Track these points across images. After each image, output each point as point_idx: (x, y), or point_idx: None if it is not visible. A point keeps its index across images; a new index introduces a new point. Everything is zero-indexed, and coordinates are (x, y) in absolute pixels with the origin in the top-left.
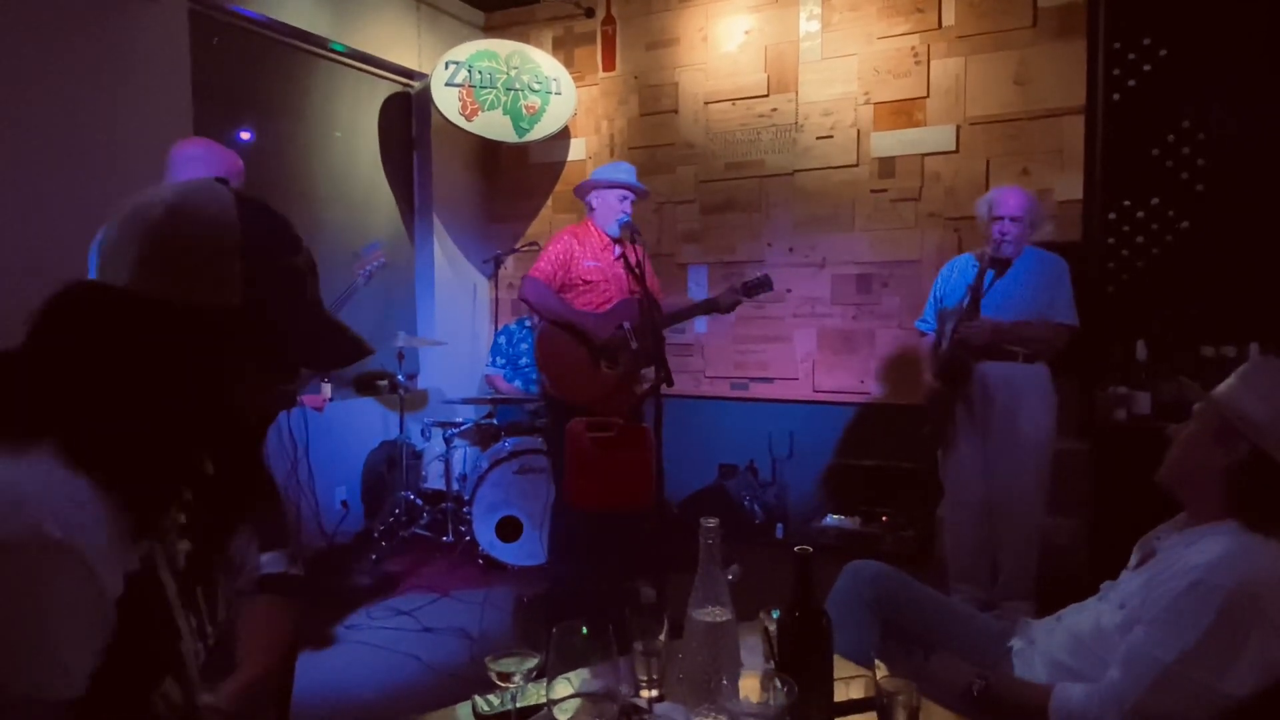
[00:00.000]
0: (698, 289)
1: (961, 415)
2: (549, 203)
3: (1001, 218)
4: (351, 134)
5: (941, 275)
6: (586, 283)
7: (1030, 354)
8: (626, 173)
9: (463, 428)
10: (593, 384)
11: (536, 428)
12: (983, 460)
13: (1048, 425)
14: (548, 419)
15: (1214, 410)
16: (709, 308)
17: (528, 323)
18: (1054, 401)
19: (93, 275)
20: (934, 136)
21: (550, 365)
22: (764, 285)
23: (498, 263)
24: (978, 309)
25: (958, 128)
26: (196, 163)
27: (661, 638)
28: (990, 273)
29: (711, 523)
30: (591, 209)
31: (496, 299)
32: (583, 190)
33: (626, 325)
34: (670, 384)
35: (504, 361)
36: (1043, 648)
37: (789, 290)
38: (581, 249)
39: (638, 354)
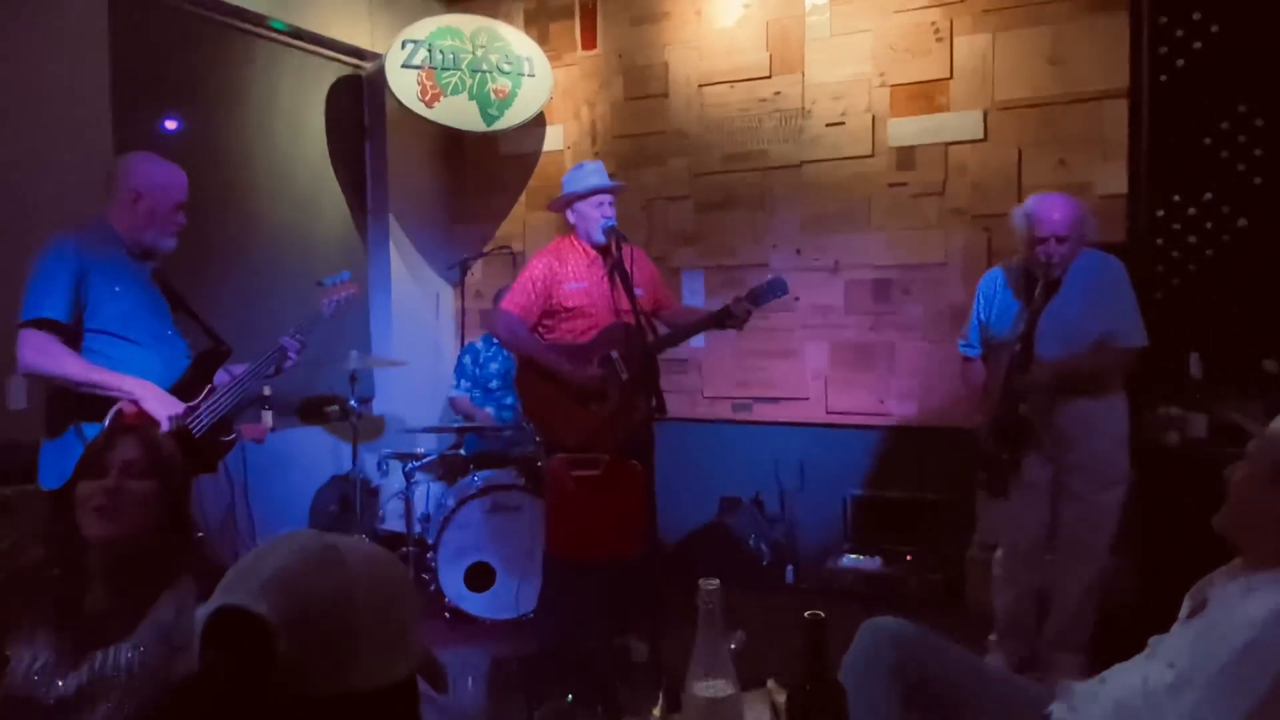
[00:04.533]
0: (693, 297)
1: (1031, 460)
2: (522, 199)
3: (1046, 238)
4: (294, 123)
5: (982, 292)
6: (569, 310)
7: (1099, 386)
8: (595, 174)
9: (425, 460)
10: (580, 425)
11: (511, 459)
12: (1047, 503)
13: (1123, 463)
14: (537, 453)
15: (1270, 450)
16: (721, 321)
17: (494, 341)
18: (1127, 435)
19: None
20: (959, 123)
21: (532, 409)
22: (776, 290)
23: (464, 269)
24: (1030, 354)
25: (985, 113)
26: (152, 181)
27: (656, 713)
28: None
29: (712, 585)
30: (572, 224)
31: (463, 310)
32: (558, 207)
33: (615, 354)
34: (664, 413)
35: (469, 384)
36: (1085, 715)
37: (797, 298)
38: (563, 269)
39: (629, 385)
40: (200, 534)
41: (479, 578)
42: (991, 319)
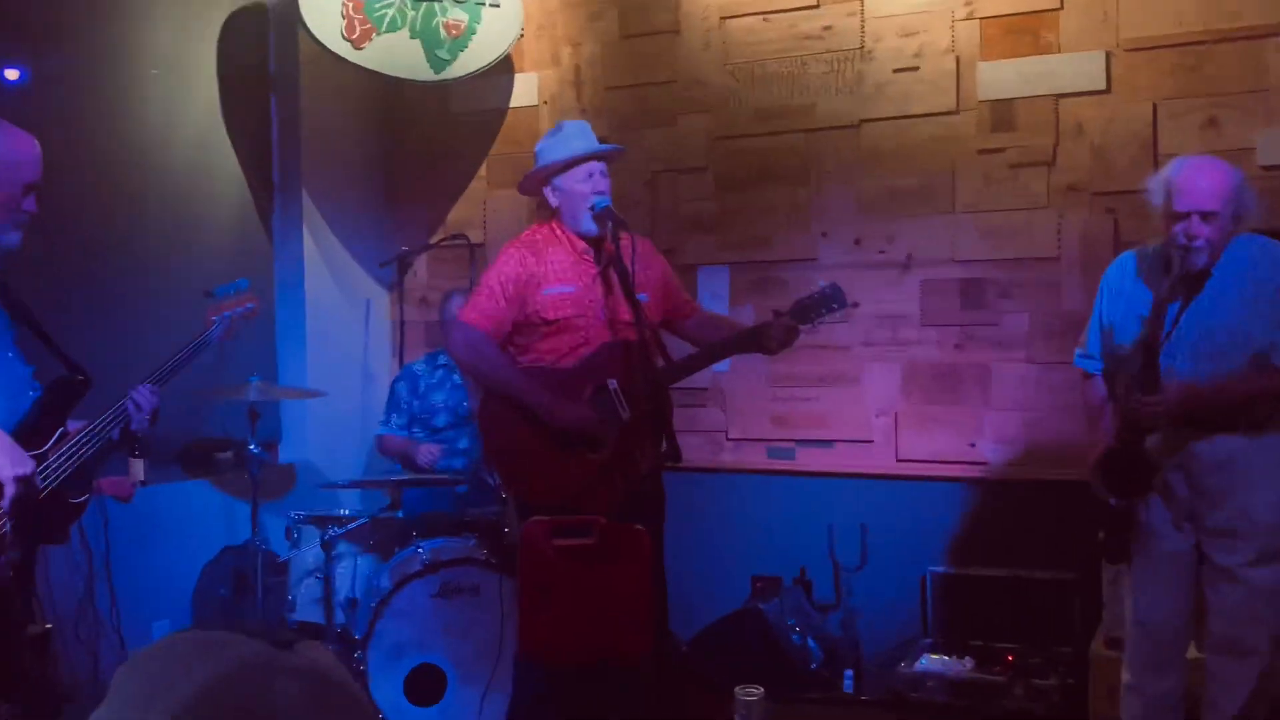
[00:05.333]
0: (713, 302)
1: (1157, 514)
2: (483, 173)
3: (1188, 213)
4: (176, 71)
5: (1108, 286)
6: (550, 323)
7: (1255, 420)
8: (582, 137)
9: (351, 525)
10: (565, 477)
11: (467, 523)
12: (1187, 580)
13: None
14: (505, 515)
15: None
16: (755, 342)
17: (442, 359)
18: None
19: None
20: (1073, 68)
21: (500, 456)
22: (831, 301)
23: (403, 266)
24: (1155, 373)
25: (1108, 55)
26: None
27: None
28: (1174, 305)
29: (752, 695)
30: (554, 207)
31: (401, 322)
32: (531, 185)
33: (612, 384)
34: (677, 459)
35: (403, 420)
36: None
37: (856, 305)
38: (541, 267)
39: (631, 425)
40: (48, 625)
41: (424, 686)
42: (1117, 320)
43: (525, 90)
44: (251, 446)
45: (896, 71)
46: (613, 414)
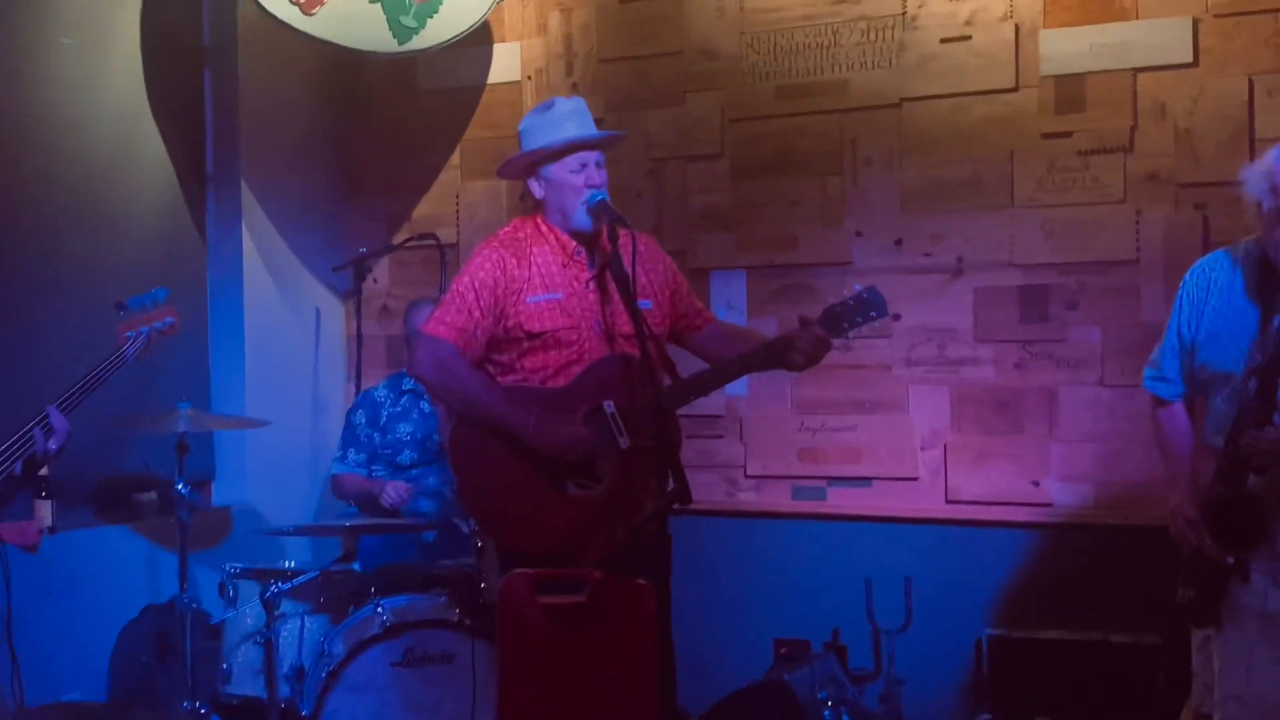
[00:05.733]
0: (729, 312)
1: (1257, 574)
2: (455, 161)
3: None
4: (91, 40)
5: (1189, 293)
6: (535, 335)
7: None
8: (574, 118)
9: (298, 580)
10: (552, 520)
11: (437, 577)
12: None
13: None
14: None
15: None
16: (778, 357)
17: (408, 384)
18: None
19: None
20: (1154, 37)
21: (476, 495)
22: (868, 309)
23: (361, 271)
24: (1271, 398)
25: (1196, 22)
26: None
27: None
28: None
29: None
30: (538, 199)
31: (359, 337)
32: (514, 172)
33: (609, 407)
34: (686, 500)
35: (363, 455)
36: None
37: (898, 317)
38: (525, 270)
39: (631, 457)
40: None
41: None
42: (1201, 335)
43: (506, 63)
44: (179, 486)
45: (944, 41)
46: (609, 441)
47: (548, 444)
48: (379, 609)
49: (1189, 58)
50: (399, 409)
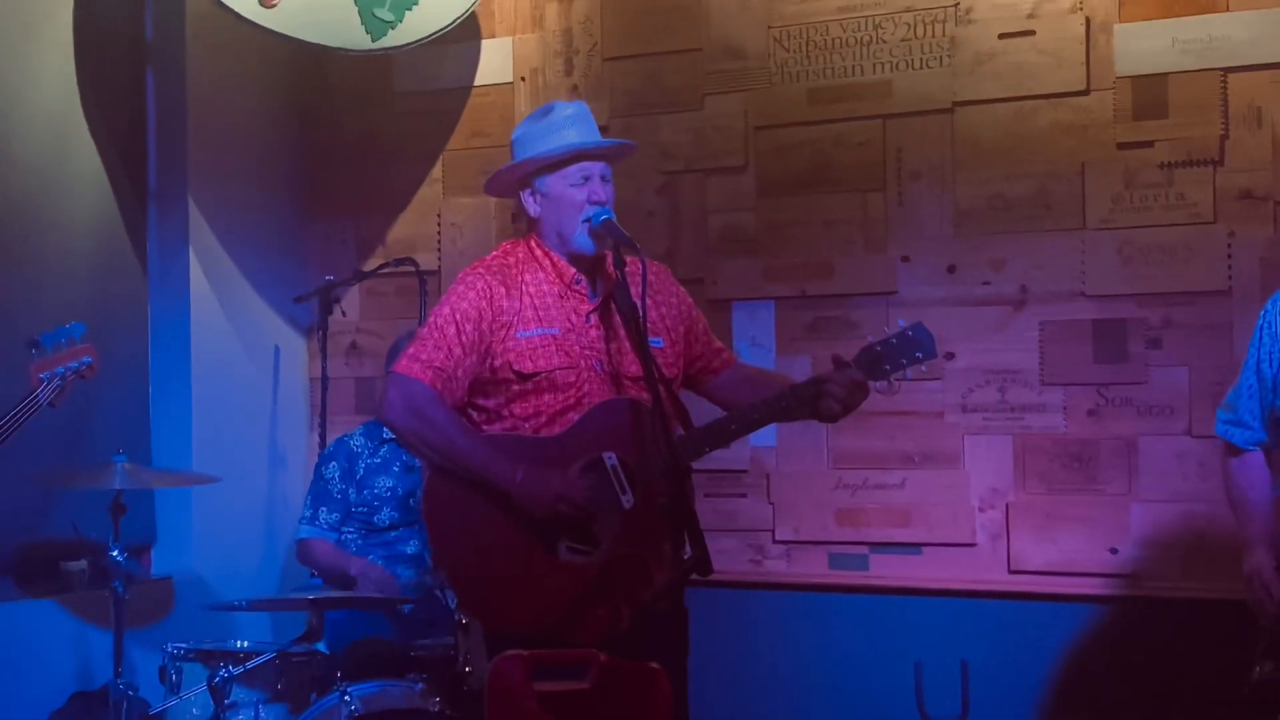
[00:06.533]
0: (755, 351)
1: None
2: (437, 174)
3: None
4: (16, 35)
5: (1270, 325)
6: (526, 376)
7: None
8: (576, 122)
9: (252, 663)
10: (546, 593)
11: (414, 659)
12: None
13: None
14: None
15: None
16: (808, 404)
17: (389, 431)
18: None
19: None
20: (1247, 32)
21: (455, 561)
22: (912, 350)
23: (327, 302)
24: None
25: None
26: None
27: None
28: None
29: None
30: (533, 218)
31: (324, 378)
32: (505, 186)
33: (610, 460)
34: (707, 571)
35: (336, 516)
36: None
37: (950, 356)
38: (515, 301)
39: (637, 519)
40: None
41: None
42: None
43: (496, 62)
44: (114, 553)
45: (1004, 37)
46: (609, 501)
47: (537, 501)
48: (346, 697)
49: None
50: (378, 460)
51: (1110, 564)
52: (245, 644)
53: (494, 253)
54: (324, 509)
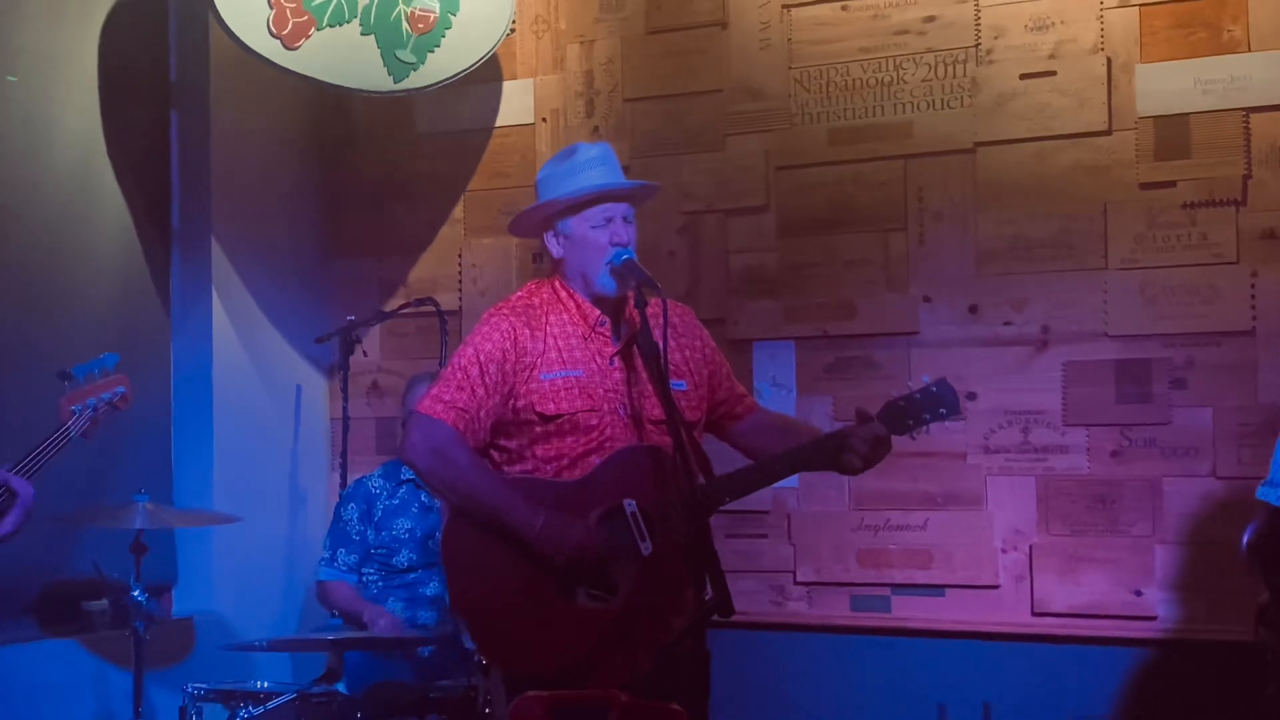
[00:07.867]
0: (775, 394)
1: None
2: (458, 215)
3: None
4: (41, 77)
5: None
6: (549, 419)
7: None
8: (599, 164)
9: (273, 703)
10: (566, 637)
11: (433, 700)
12: None
13: None
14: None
15: None
16: (830, 457)
17: (407, 472)
18: None
19: None
20: (1269, 72)
21: (474, 605)
22: (935, 406)
23: (348, 342)
24: None
25: None
26: None
27: None
28: None
29: None
30: (556, 259)
31: (345, 418)
32: (528, 228)
33: (630, 507)
34: (729, 612)
35: (354, 558)
36: None
37: (972, 396)
38: (538, 343)
39: (657, 565)
40: None
41: None
42: None
43: (518, 103)
44: (135, 593)
45: (1025, 77)
46: (628, 548)
47: (558, 549)
48: None
49: None
50: (396, 501)
51: (1134, 606)
52: (265, 684)
53: (518, 293)
54: (342, 550)
